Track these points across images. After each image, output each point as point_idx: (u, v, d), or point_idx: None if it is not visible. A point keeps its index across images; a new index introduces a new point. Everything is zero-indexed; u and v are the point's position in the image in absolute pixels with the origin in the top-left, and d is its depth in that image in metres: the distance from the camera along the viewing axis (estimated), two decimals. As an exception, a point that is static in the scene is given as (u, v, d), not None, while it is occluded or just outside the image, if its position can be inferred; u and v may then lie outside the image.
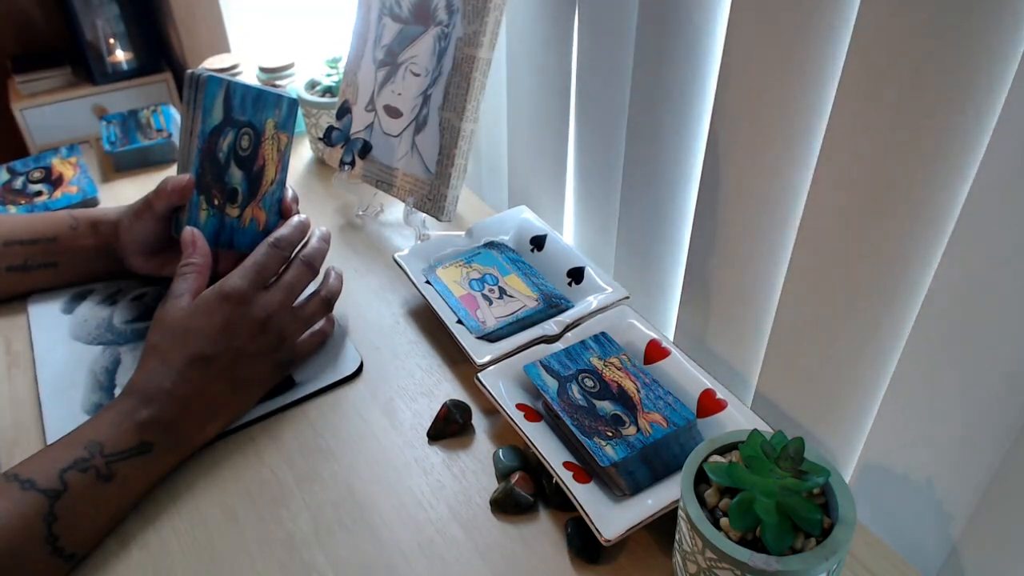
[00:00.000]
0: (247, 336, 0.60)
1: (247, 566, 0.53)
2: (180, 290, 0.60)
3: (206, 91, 0.64)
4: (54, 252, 0.73)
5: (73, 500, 0.51)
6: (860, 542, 0.53)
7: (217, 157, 0.66)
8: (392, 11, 0.83)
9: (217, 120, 0.65)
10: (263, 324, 0.61)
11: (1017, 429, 0.46)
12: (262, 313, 0.61)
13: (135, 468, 0.55)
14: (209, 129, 0.65)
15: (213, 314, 0.59)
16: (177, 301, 0.60)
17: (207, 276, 0.63)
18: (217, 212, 0.67)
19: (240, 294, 0.60)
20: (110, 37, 2.11)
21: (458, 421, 0.61)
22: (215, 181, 0.67)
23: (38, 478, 0.51)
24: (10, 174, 0.93)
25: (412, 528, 0.55)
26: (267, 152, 0.70)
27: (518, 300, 0.71)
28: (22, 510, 0.49)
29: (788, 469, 0.45)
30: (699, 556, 0.45)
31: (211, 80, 0.64)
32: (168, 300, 0.60)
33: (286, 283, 0.63)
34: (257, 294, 0.61)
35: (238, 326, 0.60)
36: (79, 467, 0.52)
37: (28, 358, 0.70)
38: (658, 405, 0.57)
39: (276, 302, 0.62)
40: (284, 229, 0.66)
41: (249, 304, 0.60)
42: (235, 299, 0.60)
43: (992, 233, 0.44)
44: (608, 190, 0.77)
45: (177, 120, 1.02)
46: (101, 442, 0.54)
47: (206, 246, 0.64)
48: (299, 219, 0.67)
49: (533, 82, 0.82)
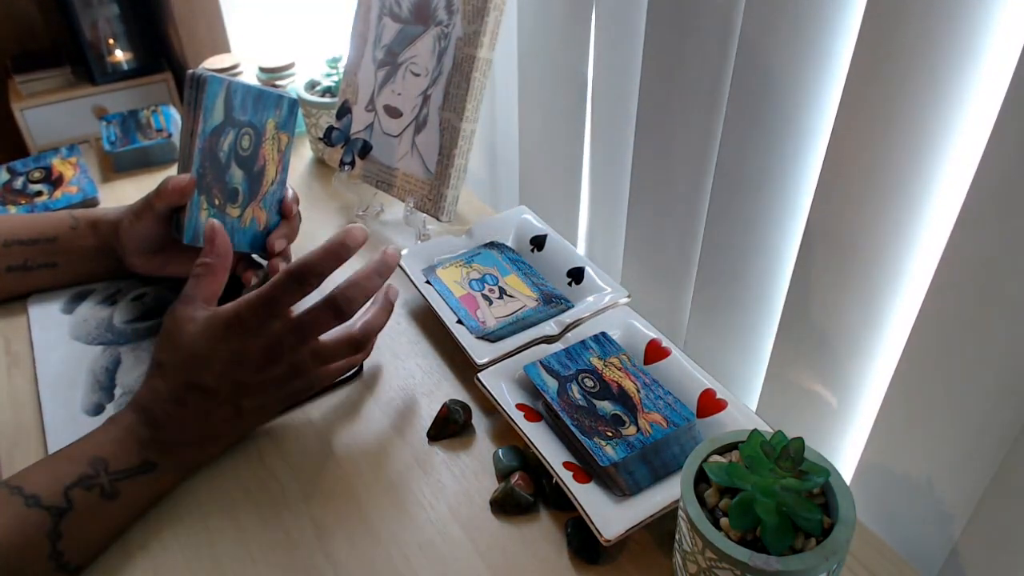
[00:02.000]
0: (252, 369, 0.56)
1: (247, 566, 0.53)
2: (192, 293, 0.58)
3: (207, 91, 0.63)
4: (54, 252, 0.73)
5: (78, 518, 0.51)
6: (860, 542, 0.53)
7: (218, 157, 0.66)
8: (392, 11, 0.83)
9: (218, 120, 0.65)
10: (271, 358, 0.56)
11: (1017, 429, 0.46)
12: (268, 345, 0.55)
13: (139, 486, 0.54)
14: (210, 129, 0.65)
15: (217, 343, 0.55)
16: (188, 309, 0.57)
17: (223, 278, 0.60)
18: (218, 212, 0.67)
19: (246, 325, 0.55)
20: (110, 37, 2.11)
21: (458, 421, 0.61)
22: (216, 181, 0.67)
23: (43, 494, 0.50)
24: (10, 174, 0.93)
25: (412, 528, 0.55)
26: (268, 152, 0.70)
27: (518, 300, 0.71)
28: (27, 527, 0.49)
29: (788, 469, 0.45)
30: (699, 556, 0.45)
31: (212, 80, 0.64)
32: (179, 306, 0.57)
33: (302, 321, 0.56)
34: (265, 326, 0.55)
35: (242, 358, 0.55)
36: (84, 484, 0.52)
37: (28, 358, 0.70)
38: (658, 405, 0.57)
39: (288, 338, 0.56)
40: (311, 255, 0.55)
41: (255, 337, 0.55)
42: (240, 329, 0.55)
43: (992, 233, 0.44)
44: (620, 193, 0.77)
45: (177, 120, 1.02)
46: (106, 459, 0.53)
47: (226, 242, 0.61)
48: (335, 246, 0.56)
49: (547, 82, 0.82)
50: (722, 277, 0.66)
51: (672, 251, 0.72)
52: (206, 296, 0.58)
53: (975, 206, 0.45)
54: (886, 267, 0.53)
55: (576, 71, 0.76)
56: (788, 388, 0.63)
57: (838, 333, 0.57)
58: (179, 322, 0.57)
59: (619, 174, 0.76)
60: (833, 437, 0.61)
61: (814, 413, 0.62)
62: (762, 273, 0.64)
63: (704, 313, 0.70)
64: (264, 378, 0.56)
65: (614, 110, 0.73)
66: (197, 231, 0.66)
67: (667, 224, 0.71)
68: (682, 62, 0.62)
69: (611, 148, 0.76)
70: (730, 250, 0.64)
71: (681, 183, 0.67)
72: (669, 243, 0.72)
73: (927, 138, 0.47)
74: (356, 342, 0.60)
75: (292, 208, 0.73)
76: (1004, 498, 0.48)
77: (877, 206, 0.51)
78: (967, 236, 0.46)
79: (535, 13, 0.79)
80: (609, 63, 0.72)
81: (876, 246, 0.52)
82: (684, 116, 0.64)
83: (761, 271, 0.64)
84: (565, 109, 0.80)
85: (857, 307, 0.55)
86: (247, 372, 0.56)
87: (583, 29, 0.73)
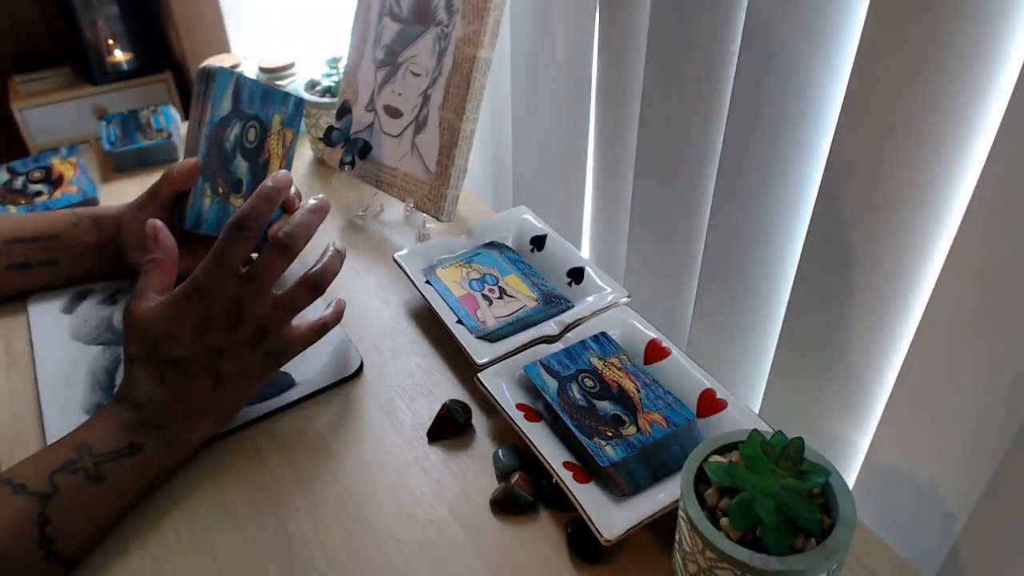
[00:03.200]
0: (220, 332, 0.56)
1: (247, 566, 0.53)
2: (143, 288, 0.58)
3: (217, 82, 0.65)
4: (55, 249, 0.73)
5: (64, 502, 0.51)
6: (860, 542, 0.53)
7: (224, 146, 0.68)
8: (392, 11, 0.83)
9: (225, 111, 0.67)
10: (234, 317, 0.56)
11: (1016, 428, 0.46)
12: (229, 305, 0.55)
13: (125, 469, 0.54)
14: (217, 118, 0.66)
15: (180, 314, 0.55)
16: (141, 302, 0.57)
17: (173, 271, 0.60)
18: (221, 201, 0.68)
19: (202, 289, 0.55)
20: (110, 37, 2.11)
21: (458, 421, 0.61)
22: (221, 170, 0.68)
23: (29, 482, 0.51)
24: (10, 174, 0.93)
25: (412, 528, 0.55)
26: (272, 147, 0.71)
27: (518, 300, 0.71)
28: (14, 515, 0.49)
29: (788, 469, 0.44)
30: (699, 556, 0.45)
31: (222, 72, 0.65)
32: (133, 301, 0.57)
33: (254, 270, 0.56)
34: (221, 285, 0.55)
35: (207, 323, 0.55)
36: (68, 468, 0.52)
37: (28, 358, 0.70)
38: (658, 405, 0.57)
39: (245, 291, 0.56)
40: (244, 205, 0.56)
41: (213, 298, 0.55)
42: (197, 295, 0.55)
43: (997, 234, 0.44)
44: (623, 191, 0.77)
45: (177, 120, 1.02)
46: (90, 444, 0.54)
47: (170, 239, 0.60)
48: (264, 189, 0.57)
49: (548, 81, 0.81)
50: (726, 275, 0.66)
51: (676, 250, 0.72)
52: (156, 289, 0.58)
53: (981, 206, 0.45)
54: (890, 267, 0.53)
55: (580, 70, 0.76)
56: (792, 387, 0.63)
57: (841, 333, 0.57)
58: (136, 314, 0.57)
59: (622, 172, 0.76)
60: (837, 436, 0.61)
61: (818, 412, 0.62)
62: (766, 271, 0.64)
63: (708, 312, 0.70)
64: (235, 340, 0.56)
65: (617, 108, 0.73)
66: (200, 216, 0.67)
67: (670, 223, 0.71)
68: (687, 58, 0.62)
69: (614, 147, 0.76)
70: (734, 248, 0.64)
71: (685, 181, 0.67)
72: (672, 242, 0.72)
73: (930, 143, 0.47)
74: (311, 283, 0.59)
75: (294, 202, 0.73)
76: (1004, 498, 0.48)
77: (880, 207, 0.51)
78: (973, 237, 0.46)
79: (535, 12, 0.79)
80: (612, 61, 0.72)
81: (880, 246, 0.52)
82: (688, 115, 0.64)
83: (765, 269, 0.64)
84: (568, 108, 0.80)
85: (861, 308, 0.55)
86: (215, 336, 0.56)
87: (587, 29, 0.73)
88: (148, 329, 0.56)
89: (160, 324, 0.56)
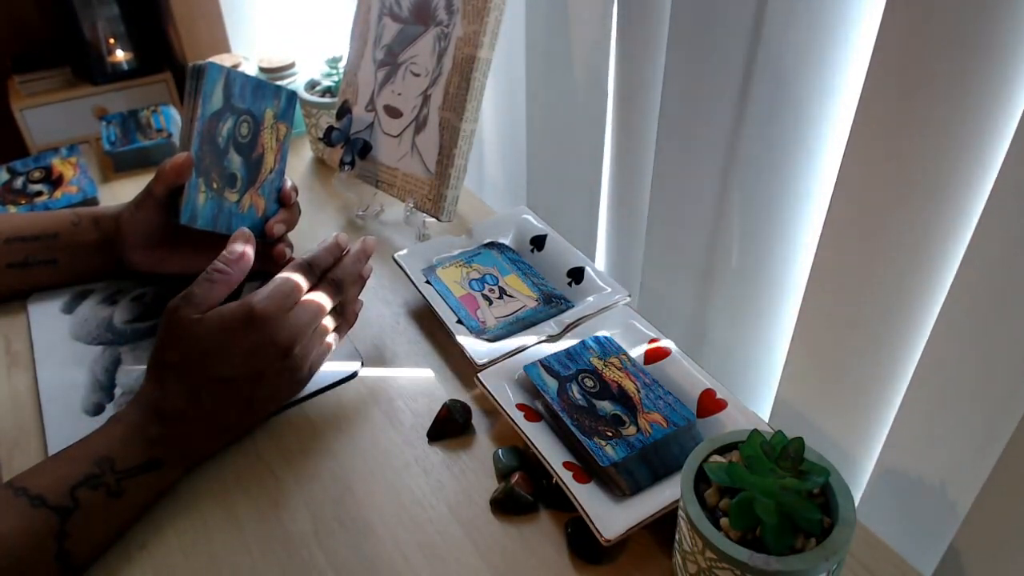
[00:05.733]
0: (272, 360, 0.57)
1: (247, 566, 0.53)
2: (200, 296, 0.56)
3: (207, 77, 0.65)
4: (55, 248, 0.73)
5: (84, 518, 0.51)
6: (860, 542, 0.53)
7: (216, 141, 0.67)
8: (392, 11, 0.83)
9: (217, 105, 0.66)
10: (286, 348, 0.57)
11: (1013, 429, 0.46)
12: (288, 338, 0.57)
13: (144, 484, 0.54)
14: (209, 113, 0.66)
15: (235, 336, 0.55)
16: (191, 310, 0.56)
17: (231, 291, 0.59)
18: (216, 196, 0.68)
19: (264, 318, 0.56)
20: (110, 37, 2.10)
21: (458, 421, 0.61)
22: (214, 165, 0.67)
23: (48, 495, 0.50)
24: (10, 174, 0.93)
25: (412, 528, 0.55)
26: (266, 141, 0.71)
27: (518, 300, 0.71)
28: (34, 528, 0.49)
29: (788, 469, 0.45)
30: (699, 556, 0.45)
31: (211, 67, 0.65)
32: (182, 306, 0.56)
33: (313, 307, 0.59)
34: (283, 317, 0.57)
35: (264, 351, 0.56)
36: (90, 484, 0.52)
37: (28, 358, 0.70)
38: (658, 405, 0.57)
39: (302, 325, 0.58)
40: (318, 250, 0.62)
41: (276, 329, 0.56)
42: (259, 322, 0.56)
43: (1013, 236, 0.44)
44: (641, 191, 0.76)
45: (177, 120, 1.02)
46: (112, 458, 0.53)
47: (250, 261, 0.60)
48: (333, 240, 0.63)
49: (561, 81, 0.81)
50: (743, 275, 0.66)
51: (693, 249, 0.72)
52: (212, 302, 0.57)
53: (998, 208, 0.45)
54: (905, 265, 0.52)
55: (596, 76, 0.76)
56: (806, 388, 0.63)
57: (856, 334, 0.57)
58: (185, 321, 0.55)
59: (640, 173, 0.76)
60: (850, 435, 0.61)
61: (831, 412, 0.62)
62: (782, 270, 0.64)
63: (725, 311, 0.70)
64: (278, 367, 0.58)
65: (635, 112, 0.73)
66: (194, 212, 0.66)
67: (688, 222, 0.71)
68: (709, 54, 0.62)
69: (632, 149, 0.76)
70: (751, 247, 0.64)
71: (703, 180, 0.67)
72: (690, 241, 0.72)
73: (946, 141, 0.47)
74: (348, 322, 0.65)
75: (291, 196, 0.74)
76: (1003, 498, 0.48)
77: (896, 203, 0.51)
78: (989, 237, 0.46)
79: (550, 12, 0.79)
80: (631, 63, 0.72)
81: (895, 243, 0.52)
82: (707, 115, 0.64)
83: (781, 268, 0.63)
84: (584, 112, 0.79)
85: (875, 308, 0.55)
86: (264, 362, 0.57)
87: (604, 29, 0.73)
88: (197, 342, 0.55)
89: (211, 341, 0.55)
